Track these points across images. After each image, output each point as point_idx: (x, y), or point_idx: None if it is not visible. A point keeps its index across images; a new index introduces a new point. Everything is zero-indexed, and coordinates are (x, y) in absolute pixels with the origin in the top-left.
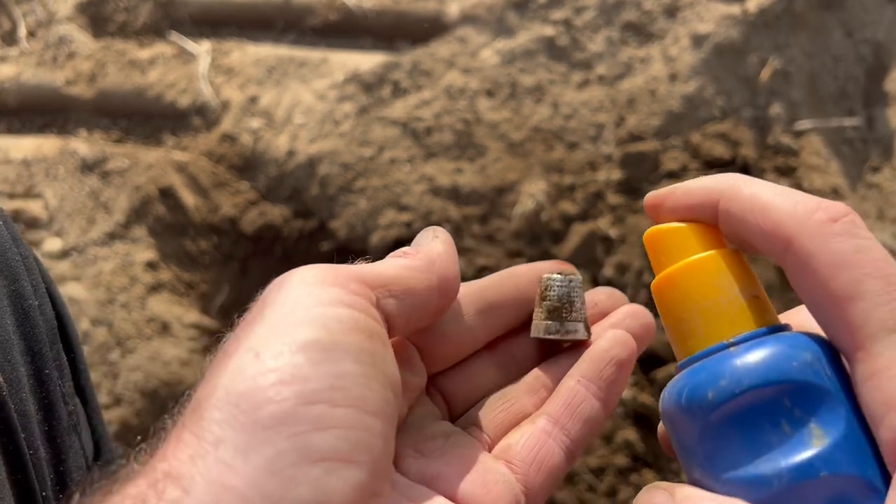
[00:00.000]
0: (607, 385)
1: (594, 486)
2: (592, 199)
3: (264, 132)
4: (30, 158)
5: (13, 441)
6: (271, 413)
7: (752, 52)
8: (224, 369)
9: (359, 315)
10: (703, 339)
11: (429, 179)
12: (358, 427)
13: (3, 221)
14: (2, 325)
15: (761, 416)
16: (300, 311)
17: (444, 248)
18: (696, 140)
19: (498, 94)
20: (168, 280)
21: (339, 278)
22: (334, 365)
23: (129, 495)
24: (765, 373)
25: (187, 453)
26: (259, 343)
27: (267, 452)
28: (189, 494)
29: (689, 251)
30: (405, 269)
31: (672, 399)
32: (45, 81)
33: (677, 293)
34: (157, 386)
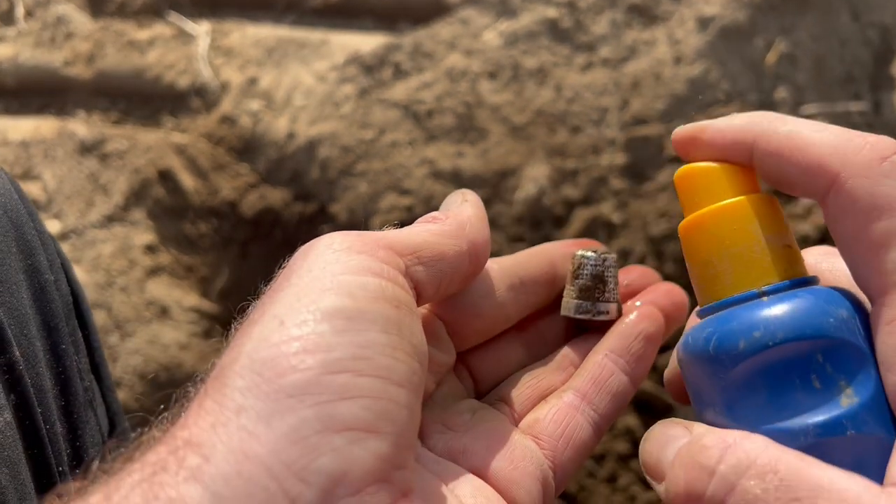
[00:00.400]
0: (635, 360)
1: (594, 472)
2: (595, 183)
3: (264, 114)
4: (28, 140)
5: (30, 416)
6: (294, 381)
7: (758, 34)
8: (248, 336)
9: (385, 283)
10: (731, 285)
11: (430, 163)
12: (383, 397)
13: (19, 197)
14: (18, 299)
15: (792, 371)
16: (326, 279)
17: (474, 211)
18: None
19: (500, 77)
20: (167, 263)
21: (367, 245)
22: (359, 334)
23: (149, 462)
24: (801, 327)
25: (209, 421)
26: (284, 310)
27: (290, 420)
28: (209, 462)
29: (722, 194)
30: (435, 234)
31: (698, 345)
32: (42, 62)
33: (707, 236)
34: (156, 370)
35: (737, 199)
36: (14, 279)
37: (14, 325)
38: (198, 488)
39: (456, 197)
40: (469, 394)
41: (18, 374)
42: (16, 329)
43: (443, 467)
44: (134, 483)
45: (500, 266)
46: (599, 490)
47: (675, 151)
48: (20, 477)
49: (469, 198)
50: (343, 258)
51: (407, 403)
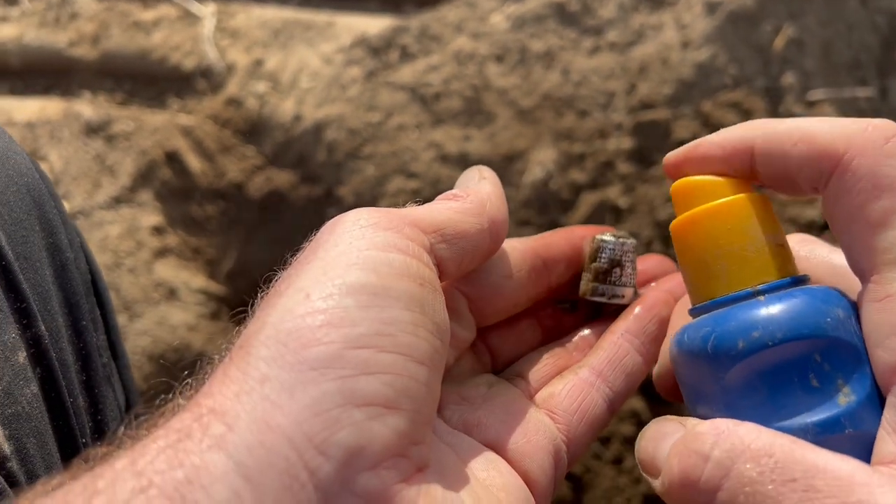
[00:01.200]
0: (650, 341)
1: (600, 455)
2: (602, 168)
3: (270, 96)
4: (34, 121)
5: (55, 388)
6: (318, 354)
7: (765, 19)
8: (273, 308)
9: (411, 260)
10: (727, 284)
11: (437, 146)
12: (404, 374)
13: (40, 176)
14: (42, 276)
15: (791, 370)
16: (352, 254)
17: (492, 188)
18: (708, 109)
19: (507, 60)
20: (175, 245)
21: (393, 222)
22: (383, 310)
23: (174, 429)
24: (799, 327)
25: (233, 390)
26: (309, 283)
27: (312, 392)
28: (233, 430)
29: (716, 195)
30: (457, 212)
31: (695, 344)
32: (47, 42)
33: (702, 235)
34: (164, 351)
35: (732, 197)
36: (38, 256)
37: (38, 301)
38: (221, 456)
39: (473, 173)
40: (486, 369)
41: (44, 347)
42: (40, 305)
43: (457, 439)
44: (159, 449)
45: (524, 247)
46: (605, 472)
47: (668, 176)
48: (47, 447)
49: (486, 174)
50: (369, 234)
51: (427, 381)
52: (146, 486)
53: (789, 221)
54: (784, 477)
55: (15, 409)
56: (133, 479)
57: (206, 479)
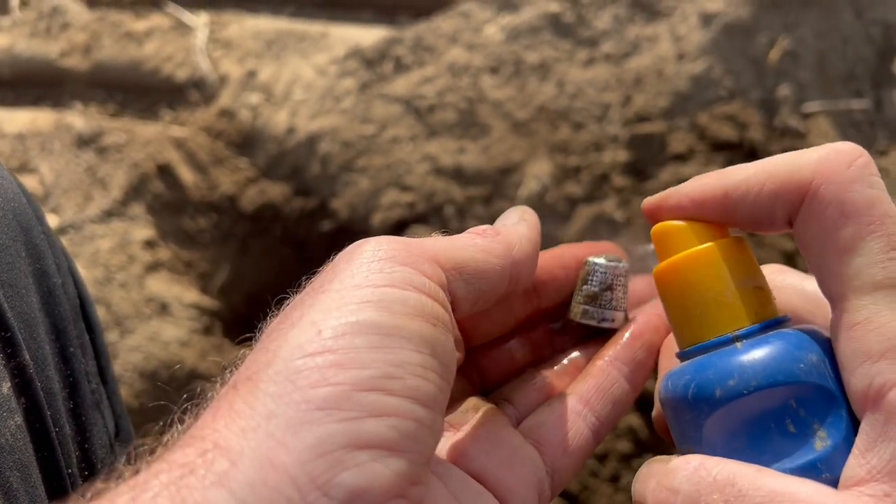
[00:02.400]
0: (638, 368)
1: (597, 472)
2: (598, 180)
3: (263, 108)
4: (24, 132)
5: (40, 419)
6: (326, 394)
7: (761, 31)
8: (285, 340)
9: (426, 300)
10: (706, 329)
11: (431, 159)
12: (410, 417)
13: (27, 200)
14: (28, 303)
15: (767, 416)
16: (367, 290)
17: (527, 232)
18: (704, 121)
19: (502, 72)
20: (167, 259)
21: (412, 257)
22: (393, 352)
23: (178, 464)
24: (773, 374)
25: (239, 425)
26: (321, 317)
27: (318, 432)
28: (236, 467)
29: (693, 241)
30: (480, 250)
31: (678, 391)
32: (38, 53)
33: (680, 282)
34: (156, 367)
35: (706, 244)
36: (23, 283)
37: (24, 329)
38: (224, 493)
39: (514, 214)
40: (475, 389)
41: (28, 377)
42: (25, 333)
43: (445, 470)
44: (162, 484)
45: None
46: (602, 489)
47: (647, 219)
48: (31, 480)
49: (527, 217)
50: (387, 268)
51: (431, 423)
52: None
53: (786, 235)
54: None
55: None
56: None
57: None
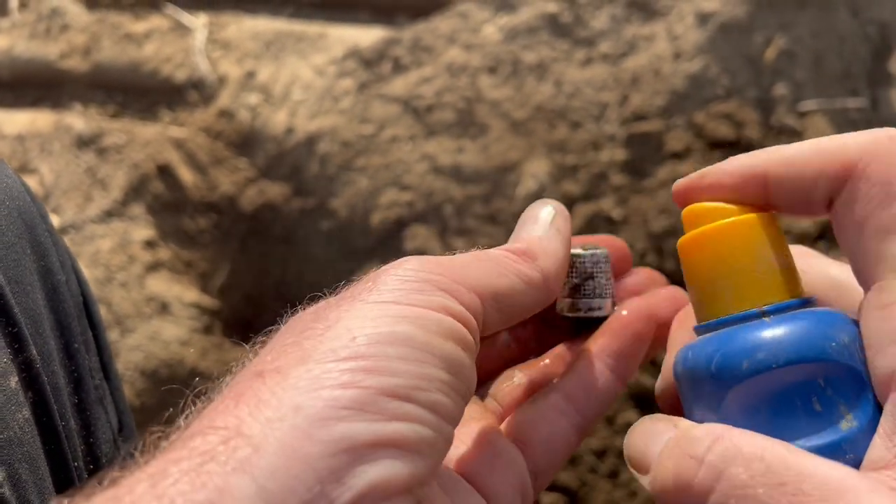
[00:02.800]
0: (625, 359)
1: (596, 468)
2: (595, 179)
3: (262, 108)
4: (24, 133)
5: (47, 412)
6: (353, 396)
7: (757, 30)
8: (319, 341)
9: (460, 327)
10: (732, 303)
11: (430, 158)
12: (431, 426)
13: (31, 199)
14: (33, 300)
15: (793, 393)
16: (405, 307)
17: (560, 249)
18: (701, 120)
19: (500, 72)
20: (167, 259)
21: (453, 284)
22: (422, 366)
23: (198, 451)
24: (804, 350)
25: (266, 415)
26: (358, 325)
27: (343, 429)
28: (259, 454)
29: (725, 215)
30: (519, 280)
31: (699, 363)
32: (38, 54)
33: (709, 253)
34: (157, 366)
35: (740, 217)
36: (29, 280)
37: (30, 325)
38: (245, 479)
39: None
40: None
41: (35, 372)
42: (31, 328)
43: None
44: (182, 471)
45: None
46: (601, 486)
47: (677, 204)
48: (39, 472)
49: (561, 226)
50: (427, 290)
51: (447, 436)
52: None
53: (783, 233)
54: (774, 481)
55: (7, 434)
56: (155, 501)
57: (229, 501)
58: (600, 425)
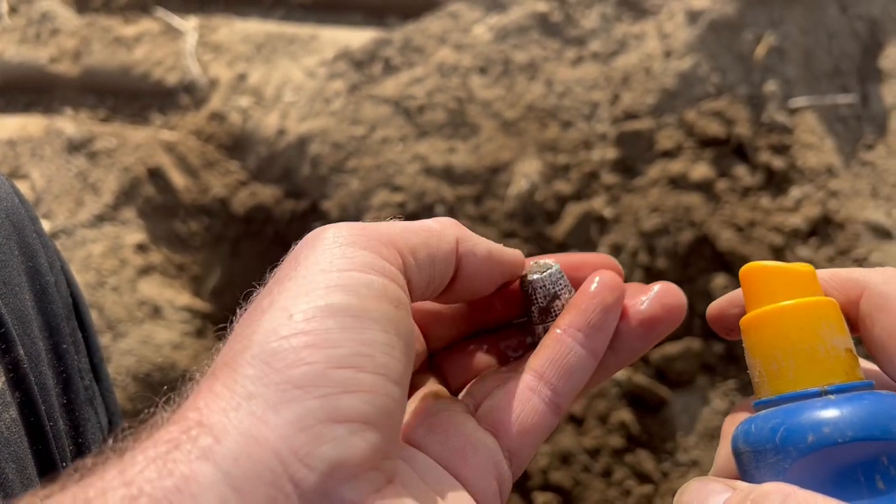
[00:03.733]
0: (594, 332)
1: (589, 467)
2: (587, 178)
3: (253, 111)
4: (15, 138)
5: (34, 412)
6: (302, 373)
7: (747, 28)
8: (259, 325)
9: (388, 283)
10: (795, 381)
11: (422, 159)
12: (381, 393)
13: (20, 200)
14: (21, 300)
15: (856, 468)
16: (333, 274)
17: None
18: (691, 118)
19: (491, 72)
20: (159, 262)
21: (371, 241)
22: (362, 332)
23: (163, 440)
24: (869, 428)
25: (220, 405)
26: (292, 303)
27: (297, 409)
28: (220, 443)
29: (789, 293)
30: (433, 236)
31: (762, 435)
32: (28, 59)
33: (774, 332)
34: (149, 370)
35: (806, 299)
36: (17, 281)
37: (17, 325)
38: (209, 467)
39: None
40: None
41: (23, 372)
42: (19, 329)
43: (409, 454)
44: (148, 459)
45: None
46: (594, 485)
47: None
48: (27, 472)
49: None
50: (349, 253)
51: (400, 399)
52: (136, 495)
53: (773, 230)
54: None
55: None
56: (123, 488)
57: (195, 487)
58: (593, 424)
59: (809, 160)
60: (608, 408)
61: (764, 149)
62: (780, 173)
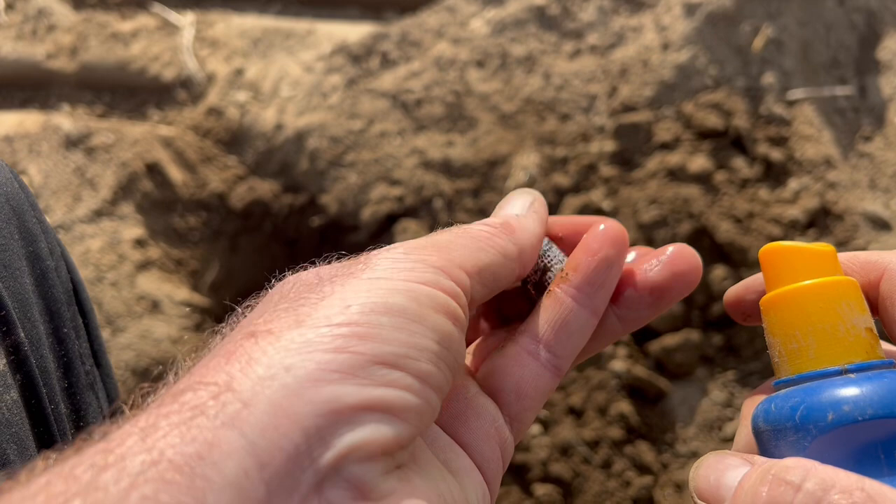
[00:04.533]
0: (594, 290)
1: (589, 459)
2: (585, 171)
3: (251, 105)
4: (12, 134)
5: (35, 395)
6: (345, 360)
7: (744, 20)
8: (314, 309)
9: (450, 301)
10: (815, 360)
11: (420, 153)
12: (419, 395)
13: (20, 186)
14: (21, 284)
15: (876, 446)
16: (399, 282)
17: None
18: (689, 110)
19: (488, 65)
20: (157, 257)
21: (442, 261)
22: (415, 336)
23: (189, 405)
24: (890, 405)
25: (258, 372)
26: (352, 296)
27: (333, 391)
28: (249, 409)
29: (809, 273)
30: (499, 254)
31: (782, 413)
32: (25, 55)
33: (795, 311)
34: (148, 364)
35: (827, 278)
36: (17, 265)
37: (18, 309)
38: (234, 434)
39: (524, 199)
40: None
41: (24, 355)
42: (20, 312)
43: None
44: (172, 424)
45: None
46: (594, 476)
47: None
48: (28, 453)
49: (538, 208)
50: (419, 268)
51: (435, 406)
52: (157, 460)
53: (772, 221)
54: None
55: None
56: (144, 453)
57: (217, 455)
58: (593, 416)
59: (807, 152)
60: (608, 399)
61: (762, 140)
62: (778, 165)
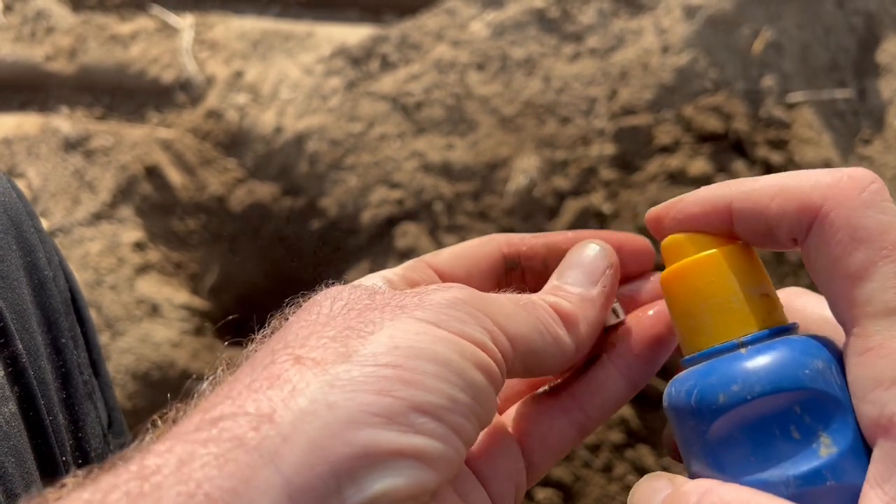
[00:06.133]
0: (641, 364)
1: (590, 463)
2: (585, 174)
3: (250, 108)
4: (10, 137)
5: (33, 407)
6: (387, 405)
7: (744, 23)
8: (361, 344)
9: (491, 363)
10: (711, 336)
11: (420, 156)
12: (450, 445)
13: (17, 195)
14: (19, 295)
15: (771, 422)
16: (446, 332)
17: (601, 318)
18: (689, 113)
19: (488, 68)
20: (156, 261)
21: (493, 327)
22: (454, 389)
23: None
24: (777, 380)
25: (300, 404)
26: (401, 336)
27: (372, 434)
28: (289, 445)
29: (700, 248)
30: (553, 345)
31: (681, 398)
32: (23, 57)
33: (685, 288)
34: (148, 368)
35: (712, 250)
36: (15, 275)
37: (16, 320)
38: (272, 471)
39: (598, 266)
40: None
41: (21, 366)
42: (17, 323)
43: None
44: (211, 455)
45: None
46: (595, 480)
47: (650, 231)
48: (26, 465)
49: (608, 285)
50: (470, 322)
51: (463, 456)
52: (194, 492)
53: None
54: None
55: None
56: (181, 485)
57: (254, 492)
58: None
59: (807, 155)
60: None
61: (762, 144)
62: (778, 168)
